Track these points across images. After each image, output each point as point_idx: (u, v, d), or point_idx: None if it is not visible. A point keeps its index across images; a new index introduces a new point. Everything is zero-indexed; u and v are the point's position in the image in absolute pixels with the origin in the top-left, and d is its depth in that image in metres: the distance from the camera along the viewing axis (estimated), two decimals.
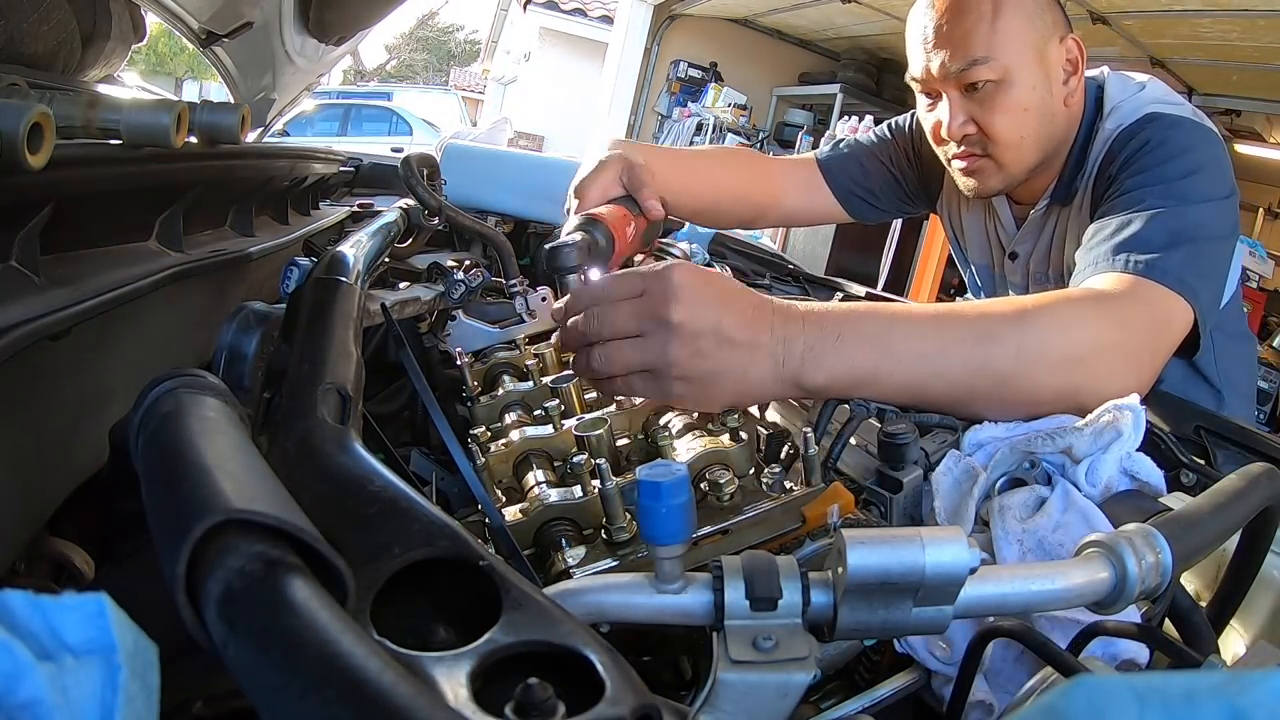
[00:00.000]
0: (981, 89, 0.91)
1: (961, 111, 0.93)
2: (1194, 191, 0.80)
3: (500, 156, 1.69)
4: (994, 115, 0.92)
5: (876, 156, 1.21)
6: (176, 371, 0.38)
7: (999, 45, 0.89)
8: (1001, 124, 0.92)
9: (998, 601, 0.39)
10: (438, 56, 23.24)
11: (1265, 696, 0.18)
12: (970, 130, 0.94)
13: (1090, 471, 0.57)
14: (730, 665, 0.34)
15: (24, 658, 0.20)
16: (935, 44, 0.92)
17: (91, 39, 0.98)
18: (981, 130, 0.94)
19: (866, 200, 1.22)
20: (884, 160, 1.21)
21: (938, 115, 0.96)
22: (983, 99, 0.92)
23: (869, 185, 1.21)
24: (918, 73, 0.96)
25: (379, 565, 0.30)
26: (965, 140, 0.95)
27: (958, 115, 0.94)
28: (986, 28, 0.89)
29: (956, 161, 0.99)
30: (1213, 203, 0.80)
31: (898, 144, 1.20)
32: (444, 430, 0.58)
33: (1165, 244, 0.75)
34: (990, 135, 0.94)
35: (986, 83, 0.90)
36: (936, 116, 0.97)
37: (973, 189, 1.00)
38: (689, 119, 6.07)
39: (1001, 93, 0.91)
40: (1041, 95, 0.92)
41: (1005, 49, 0.89)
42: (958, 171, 1.00)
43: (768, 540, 0.56)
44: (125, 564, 0.47)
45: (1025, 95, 0.91)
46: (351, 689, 0.21)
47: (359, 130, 9.30)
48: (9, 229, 0.54)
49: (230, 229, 0.99)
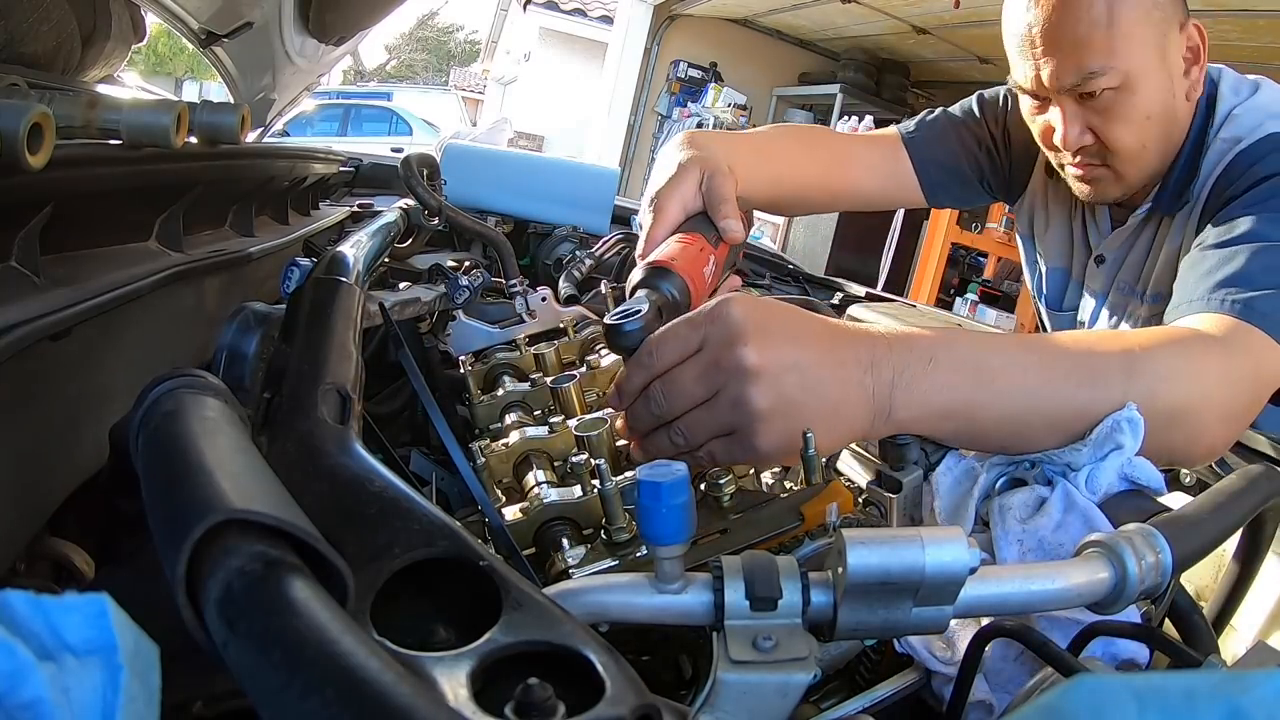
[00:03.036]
0: (1100, 97, 0.82)
1: (1077, 122, 0.84)
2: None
3: (500, 156, 1.69)
4: (1115, 125, 0.83)
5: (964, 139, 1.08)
6: (177, 371, 0.38)
7: (1118, 50, 0.79)
8: (1123, 134, 0.84)
9: (998, 601, 0.39)
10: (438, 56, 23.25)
11: (1265, 696, 0.18)
12: (1088, 140, 0.86)
13: (1090, 480, 0.57)
14: (730, 665, 0.34)
15: (25, 658, 0.20)
16: (1044, 50, 0.81)
17: (91, 39, 0.98)
18: (1100, 140, 0.85)
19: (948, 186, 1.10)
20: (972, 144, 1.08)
21: (1049, 120, 0.87)
22: (1101, 108, 0.83)
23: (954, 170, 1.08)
24: (1023, 80, 0.86)
25: (379, 565, 0.30)
26: (1082, 150, 0.87)
27: (1073, 126, 0.84)
28: (1102, 33, 0.78)
29: (1071, 169, 0.91)
30: None
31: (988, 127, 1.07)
32: (443, 431, 0.58)
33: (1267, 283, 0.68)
34: (1111, 146, 0.85)
35: (1105, 91, 0.81)
36: (1047, 121, 0.88)
37: (1089, 195, 0.93)
38: (689, 119, 6.07)
39: (1123, 100, 0.82)
40: (1164, 98, 0.83)
41: (1125, 54, 0.79)
42: (1073, 178, 0.92)
43: (767, 539, 0.56)
44: (125, 564, 0.47)
45: (1148, 101, 0.82)
46: (351, 689, 0.21)
47: (359, 130, 9.30)
48: (9, 229, 0.54)
49: (230, 229, 0.99)
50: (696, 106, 6.07)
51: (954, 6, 4.19)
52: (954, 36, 5.00)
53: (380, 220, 1.03)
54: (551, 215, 1.55)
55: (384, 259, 1.01)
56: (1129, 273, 1.00)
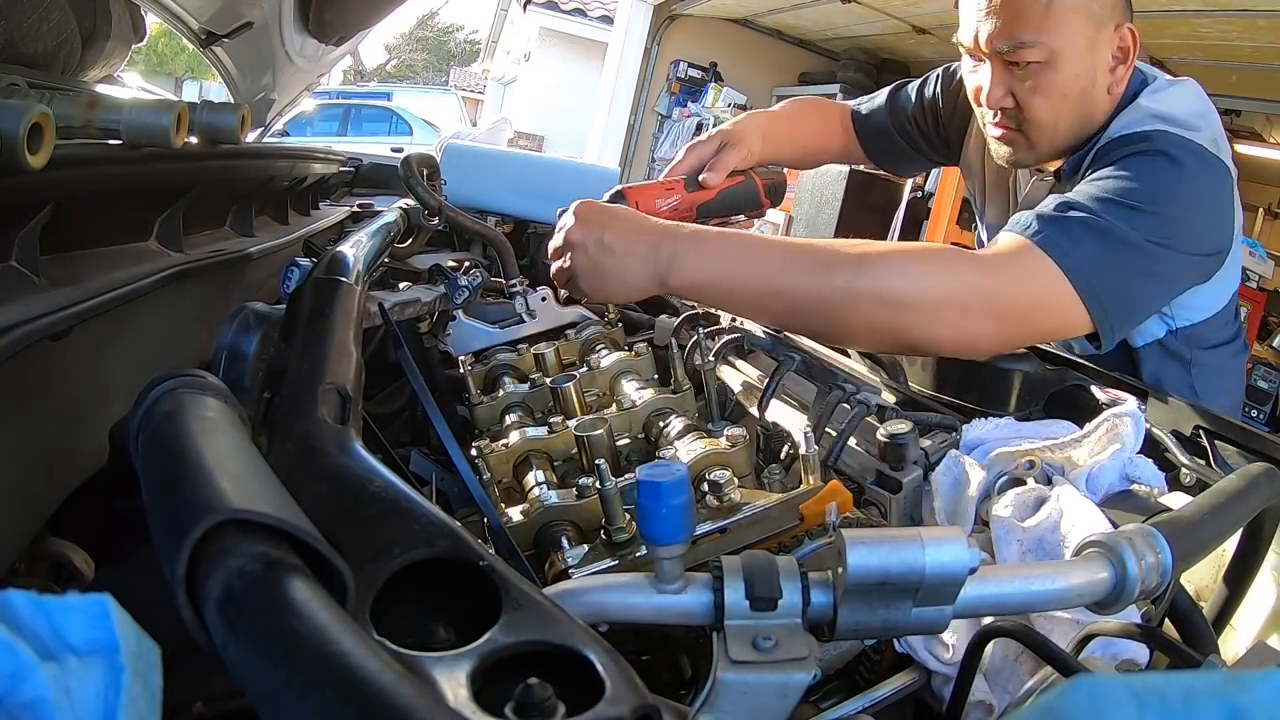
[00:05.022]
0: (1025, 68, 0.90)
1: (1001, 84, 0.93)
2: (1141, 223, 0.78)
3: (500, 156, 1.69)
4: (1033, 96, 0.92)
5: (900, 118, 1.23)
6: (176, 371, 0.38)
7: (1050, 28, 0.87)
8: (1038, 105, 0.92)
9: (998, 601, 0.39)
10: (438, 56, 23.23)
11: (1264, 696, 0.18)
12: (1008, 104, 0.94)
13: (1090, 479, 0.57)
14: (730, 665, 0.34)
15: (27, 658, 0.20)
16: (987, 13, 0.90)
17: (91, 39, 0.98)
18: (1019, 106, 0.93)
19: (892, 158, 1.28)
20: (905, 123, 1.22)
21: (979, 80, 0.96)
22: (1024, 76, 0.91)
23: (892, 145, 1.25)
24: (965, 39, 0.95)
25: (379, 565, 0.30)
26: (1002, 111, 0.96)
27: (997, 87, 0.93)
28: (1041, 9, 0.87)
29: (992, 128, 0.99)
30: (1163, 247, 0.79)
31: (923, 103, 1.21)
32: (443, 431, 0.58)
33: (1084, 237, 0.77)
34: (1026, 114, 0.93)
35: (1031, 63, 0.89)
36: (978, 81, 0.97)
37: (1004, 157, 1.01)
38: (689, 119, 6.07)
39: (1044, 74, 0.90)
40: (1084, 85, 0.91)
41: (1056, 33, 0.88)
42: (992, 138, 1.01)
43: (766, 539, 0.56)
44: (125, 564, 0.47)
45: (1067, 82, 0.90)
46: (351, 689, 0.21)
47: (359, 130, 9.29)
48: (9, 229, 0.54)
49: (230, 229, 0.99)
50: (696, 106, 6.07)
51: (954, 7, 4.19)
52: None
53: (380, 220, 1.03)
54: (552, 215, 1.54)
55: (384, 259, 1.01)
56: None
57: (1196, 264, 0.84)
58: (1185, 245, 0.81)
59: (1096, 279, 0.76)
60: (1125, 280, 0.78)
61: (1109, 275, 0.77)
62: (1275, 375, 3.62)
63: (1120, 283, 0.78)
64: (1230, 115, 4.16)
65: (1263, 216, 4.77)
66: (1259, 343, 3.76)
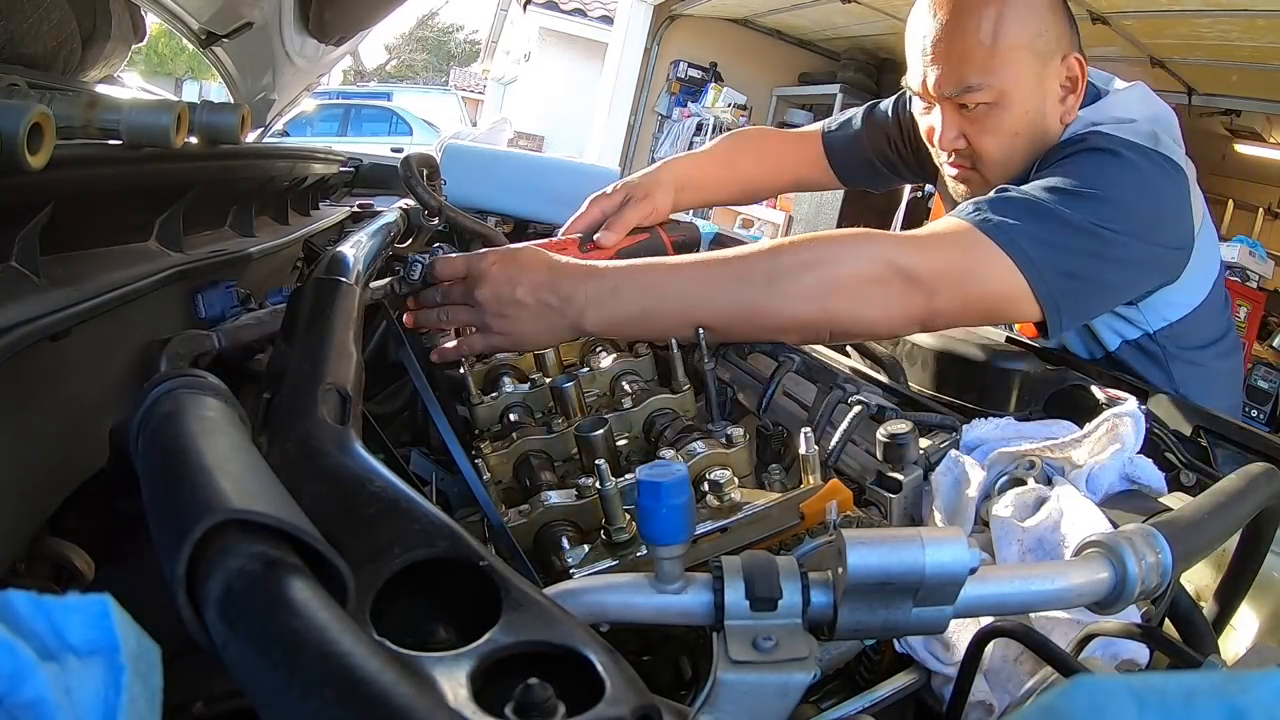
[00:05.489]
0: (974, 109, 0.91)
1: (953, 127, 0.93)
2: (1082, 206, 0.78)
3: (500, 156, 1.69)
4: (985, 136, 0.92)
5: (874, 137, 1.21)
6: (176, 371, 0.38)
7: (996, 70, 0.88)
8: (991, 145, 0.93)
9: (998, 601, 0.39)
10: (438, 56, 23.22)
11: (1264, 696, 0.18)
12: (960, 145, 0.95)
13: (1090, 479, 0.57)
14: (730, 665, 0.34)
15: (27, 658, 0.20)
16: (933, 58, 0.90)
17: (91, 39, 0.98)
18: (971, 146, 0.94)
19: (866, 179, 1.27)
20: (882, 142, 1.21)
21: (930, 122, 0.97)
22: (975, 118, 0.91)
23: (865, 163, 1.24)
24: (913, 82, 0.95)
25: (379, 565, 0.30)
26: (956, 153, 0.96)
27: (949, 130, 0.93)
28: (985, 52, 0.87)
29: (948, 168, 1.00)
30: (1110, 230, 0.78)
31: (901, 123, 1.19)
32: (444, 430, 0.58)
33: (1019, 214, 0.77)
34: (979, 153, 0.94)
35: (980, 104, 0.90)
36: (930, 123, 0.97)
37: (962, 194, 1.02)
38: (689, 119, 6.07)
39: (994, 115, 0.90)
40: (1033, 118, 0.91)
41: (1002, 74, 0.88)
42: (949, 176, 1.02)
43: (766, 538, 0.56)
44: (125, 564, 0.47)
45: (1017, 120, 0.91)
46: (351, 689, 0.21)
47: (359, 130, 9.28)
48: (9, 229, 0.54)
49: (230, 229, 0.99)
50: (696, 106, 6.07)
51: None
52: None
53: (380, 220, 1.03)
54: (551, 215, 1.55)
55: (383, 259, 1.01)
56: None
57: (1154, 255, 0.83)
58: (1135, 232, 0.80)
59: (1037, 254, 0.75)
60: (1070, 259, 0.77)
61: (1050, 252, 0.76)
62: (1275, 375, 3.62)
63: (1064, 261, 0.77)
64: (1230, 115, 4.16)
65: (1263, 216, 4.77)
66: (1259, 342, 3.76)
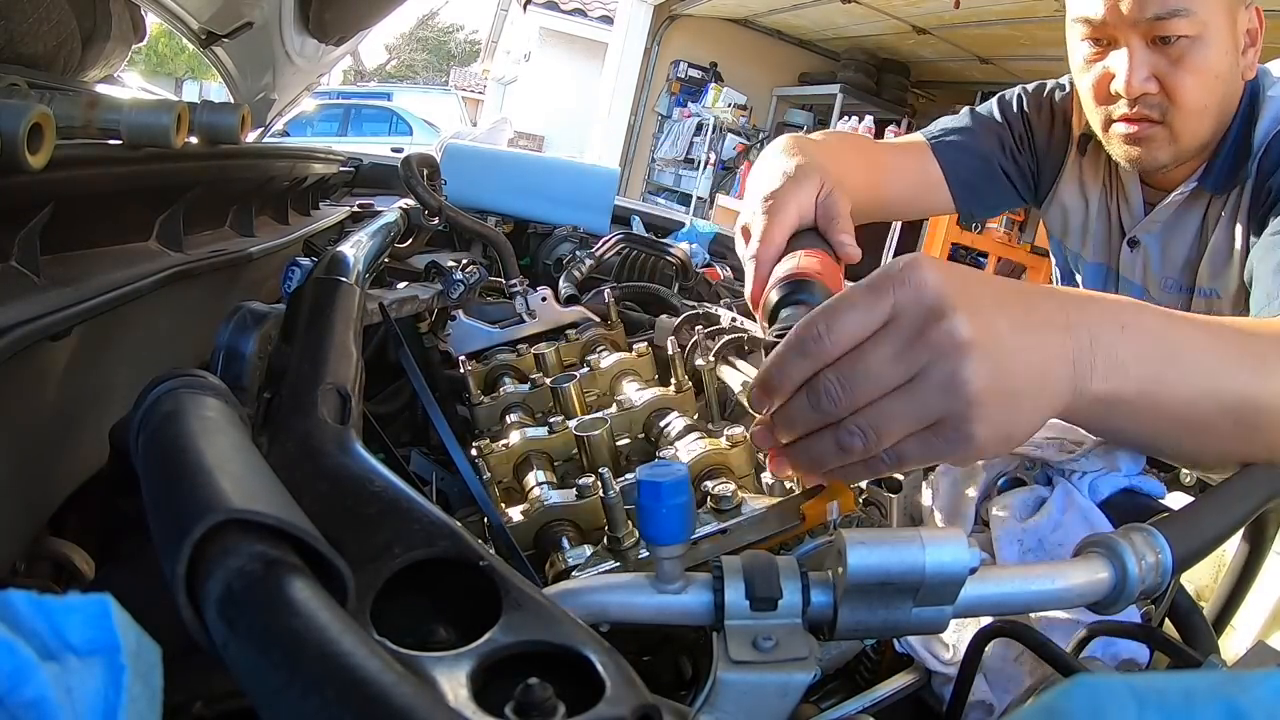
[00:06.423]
0: (1174, 44, 0.79)
1: (1145, 65, 0.80)
2: None
3: (500, 156, 1.69)
4: (1184, 75, 0.80)
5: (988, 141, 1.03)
6: (176, 371, 0.38)
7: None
8: (1191, 87, 0.80)
9: (998, 601, 0.39)
10: (438, 56, 23.24)
11: (1264, 696, 0.18)
12: (1152, 89, 0.81)
13: (1091, 480, 0.57)
14: (730, 665, 0.34)
15: (27, 657, 0.20)
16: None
17: (91, 39, 0.98)
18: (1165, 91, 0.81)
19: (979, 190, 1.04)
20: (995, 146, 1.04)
21: (1108, 66, 0.83)
22: (1175, 56, 0.79)
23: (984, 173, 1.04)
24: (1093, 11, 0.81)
25: (379, 565, 0.30)
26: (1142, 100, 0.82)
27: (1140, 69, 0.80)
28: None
29: (1122, 125, 0.85)
30: None
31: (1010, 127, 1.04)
32: (443, 430, 0.58)
33: None
34: (1175, 98, 0.81)
35: (1181, 38, 0.78)
36: (1106, 68, 0.83)
37: (1135, 159, 0.88)
38: (689, 119, 6.08)
39: (1197, 51, 0.79)
40: (1231, 63, 0.81)
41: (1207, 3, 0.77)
42: (1119, 138, 0.87)
43: (767, 538, 0.56)
44: (125, 564, 0.47)
45: (1219, 60, 0.80)
46: (351, 689, 0.21)
47: (359, 130, 9.29)
48: (9, 229, 0.54)
49: (230, 229, 0.99)
50: (696, 106, 6.08)
51: (954, 6, 4.20)
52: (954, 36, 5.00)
53: (380, 220, 1.03)
54: (552, 215, 1.55)
55: (384, 259, 1.01)
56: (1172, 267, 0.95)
57: None
58: None
59: None
60: None
61: None
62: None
63: None
64: None
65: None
66: None
